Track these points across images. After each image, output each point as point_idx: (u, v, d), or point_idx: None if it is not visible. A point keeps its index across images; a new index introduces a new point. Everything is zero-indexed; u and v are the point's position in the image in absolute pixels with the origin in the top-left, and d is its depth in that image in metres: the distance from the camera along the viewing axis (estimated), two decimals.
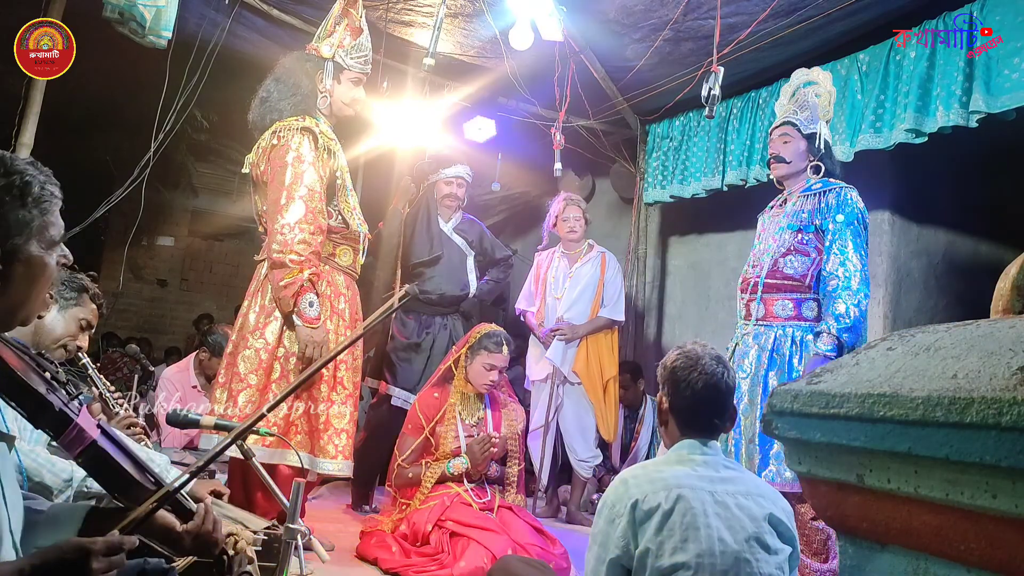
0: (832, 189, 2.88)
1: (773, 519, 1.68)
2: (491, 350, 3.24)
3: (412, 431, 3.27)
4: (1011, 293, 0.95)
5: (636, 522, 1.63)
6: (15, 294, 1.17)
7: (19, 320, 1.23)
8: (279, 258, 2.71)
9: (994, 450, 0.69)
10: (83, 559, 1.05)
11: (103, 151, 6.94)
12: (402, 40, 4.53)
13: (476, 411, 3.31)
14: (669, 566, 1.57)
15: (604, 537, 1.69)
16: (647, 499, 1.64)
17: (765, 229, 3.09)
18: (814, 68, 3.17)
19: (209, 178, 8.59)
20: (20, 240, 1.15)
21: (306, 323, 2.71)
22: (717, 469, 1.73)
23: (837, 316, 2.69)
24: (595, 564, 1.70)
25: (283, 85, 2.96)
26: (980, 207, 4.30)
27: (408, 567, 2.87)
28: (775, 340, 2.84)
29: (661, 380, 1.86)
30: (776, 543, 1.66)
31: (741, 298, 3.05)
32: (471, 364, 3.28)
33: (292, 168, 2.77)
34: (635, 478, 1.72)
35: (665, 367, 1.86)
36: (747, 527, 1.64)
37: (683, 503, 1.62)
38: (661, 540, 1.60)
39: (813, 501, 0.99)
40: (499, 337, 3.29)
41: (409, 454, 3.22)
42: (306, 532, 1.62)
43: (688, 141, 4.97)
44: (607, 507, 1.71)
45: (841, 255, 2.77)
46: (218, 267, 9.57)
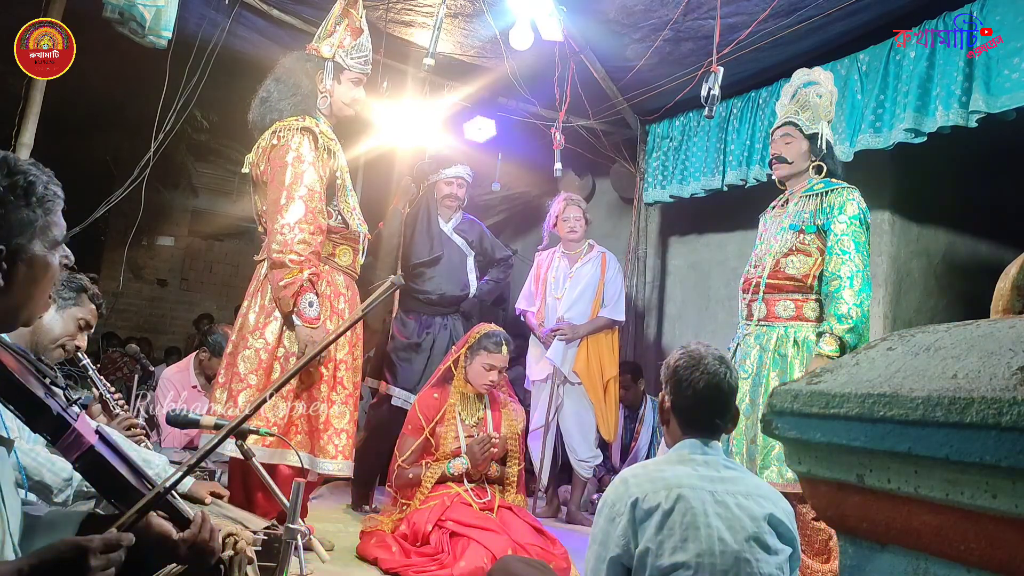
0: (834, 189, 2.88)
1: (773, 519, 1.68)
2: (490, 350, 3.24)
3: (412, 432, 3.27)
4: (1011, 293, 0.95)
5: (636, 521, 1.64)
6: (18, 294, 1.17)
7: (21, 321, 1.23)
8: (279, 258, 2.71)
9: (994, 450, 0.69)
10: (81, 557, 1.05)
11: (103, 151, 6.95)
12: (402, 40, 4.53)
13: (476, 411, 3.31)
14: (669, 565, 1.58)
15: (604, 536, 1.69)
16: (647, 498, 1.64)
17: (767, 229, 3.08)
18: (815, 68, 3.15)
19: (209, 178, 8.59)
20: (23, 240, 1.15)
21: (306, 323, 2.71)
22: (718, 469, 1.73)
23: (840, 317, 2.68)
24: (595, 563, 1.70)
25: (283, 85, 2.96)
26: (980, 207, 4.30)
27: (408, 567, 2.87)
28: (777, 340, 2.84)
29: (664, 379, 1.87)
30: (776, 543, 1.66)
31: (743, 298, 3.04)
32: (471, 364, 3.28)
33: (292, 168, 2.77)
34: (635, 477, 1.72)
35: (668, 366, 1.86)
36: (747, 527, 1.63)
37: (683, 503, 1.62)
38: (661, 539, 1.60)
39: (813, 501, 0.98)
40: (498, 337, 3.28)
41: (409, 454, 3.22)
42: (306, 532, 1.62)
43: (688, 141, 4.97)
44: (607, 506, 1.72)
45: (843, 255, 2.76)
46: (218, 267, 9.57)
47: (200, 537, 1.28)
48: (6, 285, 1.14)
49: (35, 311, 1.23)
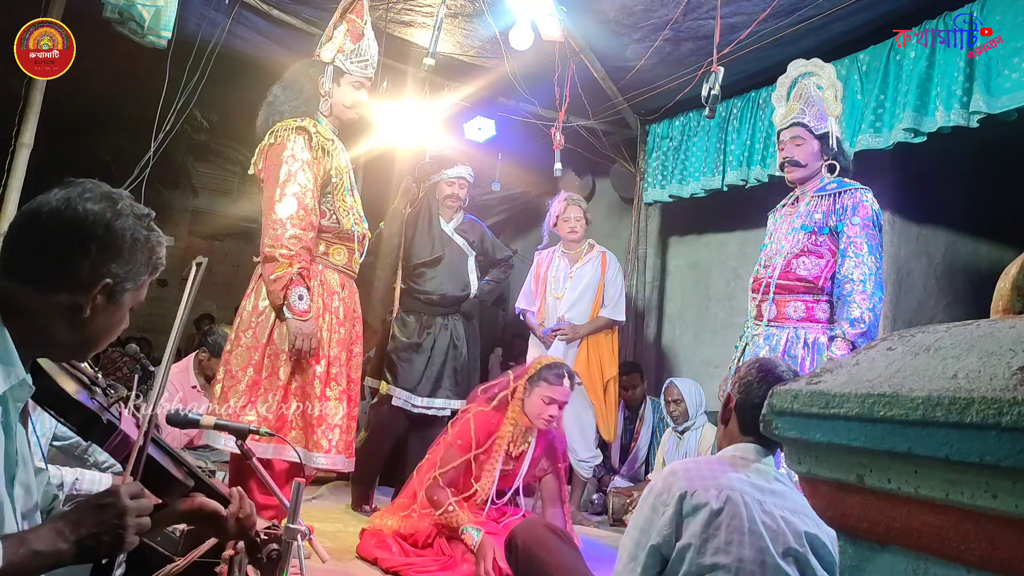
0: (847, 190, 2.84)
1: (817, 541, 1.65)
2: (551, 382, 3.06)
3: (461, 447, 3.10)
4: (1011, 293, 0.95)
5: (682, 514, 1.63)
6: (98, 329, 1.22)
7: (91, 354, 1.28)
8: (270, 252, 2.78)
9: (994, 450, 0.69)
10: (114, 498, 1.09)
11: (103, 151, 6.94)
12: (402, 40, 4.53)
13: (522, 444, 3.17)
14: (710, 564, 1.57)
15: (647, 523, 1.68)
16: (696, 494, 1.63)
17: (777, 228, 3.05)
18: (812, 59, 3.07)
19: (209, 178, 8.60)
20: (126, 283, 1.21)
21: (296, 315, 2.77)
22: (768, 480, 1.71)
23: (852, 321, 2.66)
24: (633, 548, 1.69)
25: (287, 91, 3.03)
26: (980, 207, 4.30)
27: (408, 566, 2.86)
28: (787, 342, 2.81)
29: (734, 380, 1.87)
30: (815, 565, 1.63)
31: (752, 298, 3.01)
32: (529, 396, 3.10)
33: (286, 166, 2.84)
34: (686, 471, 1.71)
35: (740, 369, 1.88)
36: (791, 542, 1.62)
37: (732, 506, 1.61)
38: (705, 538, 1.59)
39: (813, 501, 0.99)
40: (561, 370, 3.11)
41: (449, 470, 3.07)
42: (306, 532, 1.62)
43: (688, 141, 4.97)
44: (653, 495, 1.70)
45: (856, 258, 2.73)
46: (218, 267, 9.57)
47: (243, 511, 1.40)
48: (91, 317, 1.18)
49: (102, 347, 1.28)
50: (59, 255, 1.15)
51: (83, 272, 1.16)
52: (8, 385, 1.10)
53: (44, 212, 1.15)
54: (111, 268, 1.18)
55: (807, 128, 2.93)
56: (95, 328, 1.20)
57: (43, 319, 1.15)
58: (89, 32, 3.35)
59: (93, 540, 1.05)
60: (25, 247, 1.16)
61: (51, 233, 1.15)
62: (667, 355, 5.40)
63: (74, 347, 1.22)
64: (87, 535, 1.05)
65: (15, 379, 1.11)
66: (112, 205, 1.19)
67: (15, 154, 3.55)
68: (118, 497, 1.08)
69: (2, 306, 1.12)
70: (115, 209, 1.19)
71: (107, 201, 1.19)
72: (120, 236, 1.18)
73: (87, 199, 1.17)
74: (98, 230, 1.16)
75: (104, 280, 1.17)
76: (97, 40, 3.59)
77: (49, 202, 1.16)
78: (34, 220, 1.16)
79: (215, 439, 2.85)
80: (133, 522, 1.08)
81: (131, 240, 1.20)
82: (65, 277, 1.15)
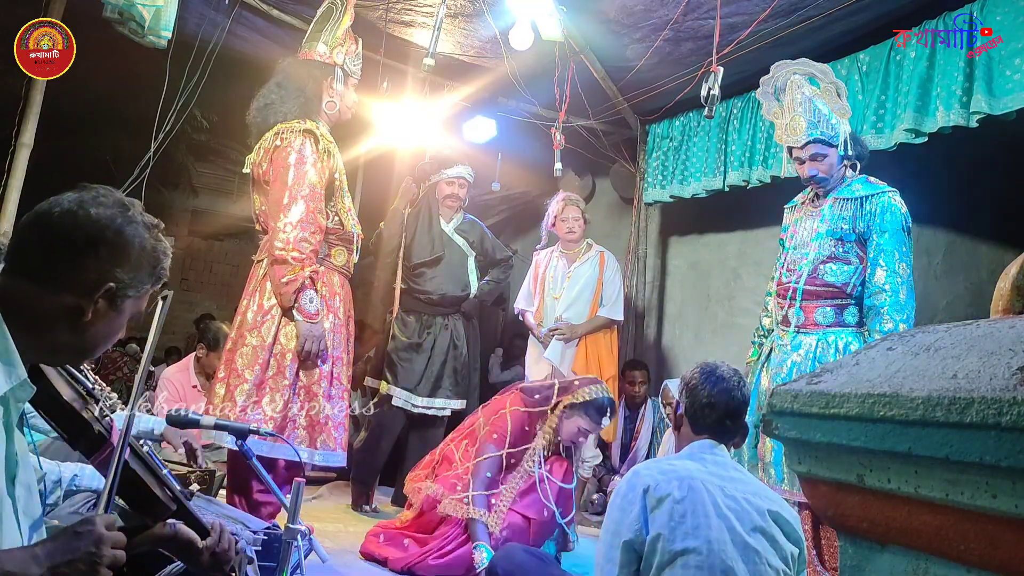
0: (874, 195, 2.80)
1: (780, 518, 1.75)
2: (593, 420, 3.12)
3: (497, 441, 3.11)
4: (1011, 293, 0.95)
5: (648, 508, 1.70)
6: (96, 334, 1.22)
7: (87, 359, 1.28)
8: (281, 255, 2.78)
9: (994, 450, 0.69)
10: (91, 527, 1.08)
11: (103, 151, 6.93)
12: (402, 40, 4.53)
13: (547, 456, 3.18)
14: (680, 549, 1.64)
15: (616, 524, 1.74)
16: (659, 486, 1.71)
17: (797, 231, 3.01)
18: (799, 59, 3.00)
19: (209, 178, 8.58)
20: (129, 289, 1.21)
21: (306, 318, 2.79)
22: (727, 469, 1.82)
23: (885, 334, 2.64)
24: (607, 550, 1.74)
25: (286, 90, 3.02)
26: (980, 207, 4.29)
27: (426, 554, 2.88)
28: (817, 347, 2.78)
29: (680, 390, 1.97)
30: (783, 540, 1.73)
31: (779, 304, 2.98)
32: (566, 420, 3.12)
33: (295, 169, 2.85)
34: (647, 468, 1.80)
35: (684, 378, 1.98)
36: (755, 520, 1.70)
37: (694, 493, 1.69)
38: (673, 526, 1.66)
39: (813, 501, 0.99)
40: (605, 408, 3.16)
41: (485, 460, 3.06)
42: (306, 532, 1.62)
43: (688, 141, 4.96)
44: (619, 496, 1.78)
45: (887, 267, 2.70)
46: (218, 267, 9.58)
47: (221, 546, 1.38)
48: (91, 321, 1.18)
49: (99, 352, 1.28)
50: (67, 254, 1.16)
51: (88, 274, 1.17)
52: (9, 386, 1.10)
53: (56, 212, 1.17)
54: (116, 273, 1.19)
55: (825, 142, 2.86)
56: (93, 333, 1.20)
57: (44, 319, 1.16)
58: (89, 32, 3.35)
59: (67, 567, 1.05)
60: (34, 244, 1.17)
61: (61, 232, 1.16)
62: (667, 355, 5.40)
63: (71, 351, 1.22)
64: (62, 562, 1.04)
65: (16, 380, 1.11)
66: (124, 211, 1.21)
67: (15, 154, 3.55)
68: (95, 527, 1.08)
69: (4, 305, 1.13)
70: (126, 215, 1.21)
71: (119, 207, 1.21)
72: (129, 242, 1.20)
73: (100, 203, 1.19)
74: (108, 233, 1.18)
75: (108, 284, 1.18)
76: (97, 40, 3.59)
77: (62, 203, 1.18)
78: (45, 219, 1.17)
79: (222, 439, 2.86)
80: (108, 553, 1.08)
81: (139, 247, 1.21)
82: (70, 277, 1.16)
